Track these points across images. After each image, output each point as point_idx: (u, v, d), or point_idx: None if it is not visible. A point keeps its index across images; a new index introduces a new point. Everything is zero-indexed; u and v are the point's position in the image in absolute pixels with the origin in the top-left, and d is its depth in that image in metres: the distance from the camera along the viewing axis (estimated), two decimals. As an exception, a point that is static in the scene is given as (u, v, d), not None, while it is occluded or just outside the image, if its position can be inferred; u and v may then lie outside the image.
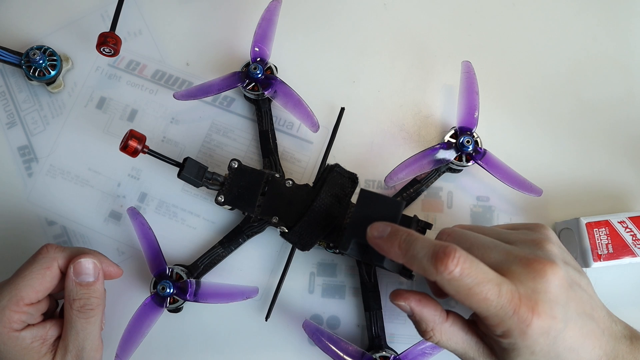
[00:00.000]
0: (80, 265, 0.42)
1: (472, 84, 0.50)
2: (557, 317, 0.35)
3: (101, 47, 0.49)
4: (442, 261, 0.33)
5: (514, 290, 0.34)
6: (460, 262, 0.33)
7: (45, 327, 0.41)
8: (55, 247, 0.42)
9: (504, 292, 0.34)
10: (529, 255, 0.36)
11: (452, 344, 0.38)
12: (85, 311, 0.41)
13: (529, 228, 0.40)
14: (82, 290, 0.41)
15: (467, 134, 0.49)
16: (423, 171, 0.49)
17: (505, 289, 0.34)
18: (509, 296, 0.34)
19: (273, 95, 0.50)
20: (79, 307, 0.41)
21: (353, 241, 0.41)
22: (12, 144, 0.53)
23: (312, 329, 0.47)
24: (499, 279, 0.34)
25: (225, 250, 0.49)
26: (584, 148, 0.53)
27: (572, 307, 0.36)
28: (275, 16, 0.52)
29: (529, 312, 0.34)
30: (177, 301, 0.47)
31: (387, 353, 0.46)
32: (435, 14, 0.55)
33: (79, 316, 0.41)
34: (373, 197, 0.41)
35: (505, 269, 0.35)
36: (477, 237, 0.38)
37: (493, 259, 0.36)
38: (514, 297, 0.34)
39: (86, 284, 0.42)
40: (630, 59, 0.54)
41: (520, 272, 0.35)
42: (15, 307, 0.39)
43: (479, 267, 0.34)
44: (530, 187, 0.49)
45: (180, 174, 0.45)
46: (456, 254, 0.33)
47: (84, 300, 0.41)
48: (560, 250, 0.38)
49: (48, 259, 0.41)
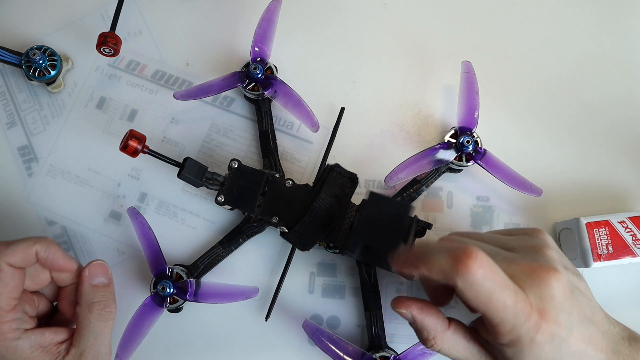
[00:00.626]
0: (96, 268, 0.42)
1: (472, 84, 0.50)
2: (562, 324, 0.35)
3: (101, 47, 0.49)
4: (464, 262, 0.32)
5: (526, 298, 0.34)
6: (484, 264, 0.32)
7: (43, 334, 0.40)
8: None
9: (519, 299, 0.33)
10: (532, 263, 0.36)
11: (454, 353, 0.38)
12: (105, 313, 0.41)
13: (526, 233, 0.40)
14: (100, 292, 0.41)
15: (467, 134, 0.49)
16: (423, 171, 0.49)
17: (521, 296, 0.34)
18: (522, 304, 0.33)
19: (273, 95, 0.50)
20: (100, 310, 0.41)
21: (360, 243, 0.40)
22: (12, 144, 0.53)
23: (312, 329, 0.47)
24: (515, 286, 0.34)
25: (225, 250, 0.49)
26: (584, 148, 0.53)
27: (575, 313, 0.36)
28: (275, 16, 0.52)
29: (540, 319, 0.34)
30: (177, 301, 0.47)
31: (387, 353, 0.46)
32: (435, 14, 0.55)
33: (98, 319, 0.41)
34: (382, 200, 0.41)
35: (510, 278, 0.35)
36: (478, 245, 0.38)
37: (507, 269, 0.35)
38: (526, 304, 0.34)
39: (102, 285, 0.42)
40: (630, 59, 0.54)
41: (526, 280, 0.35)
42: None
43: (499, 272, 0.33)
44: (530, 187, 0.49)
45: (180, 174, 0.45)
46: (478, 254, 0.32)
47: (104, 302, 0.41)
48: (558, 255, 0.38)
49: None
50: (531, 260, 0.36)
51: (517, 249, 0.38)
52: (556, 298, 0.35)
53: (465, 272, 0.32)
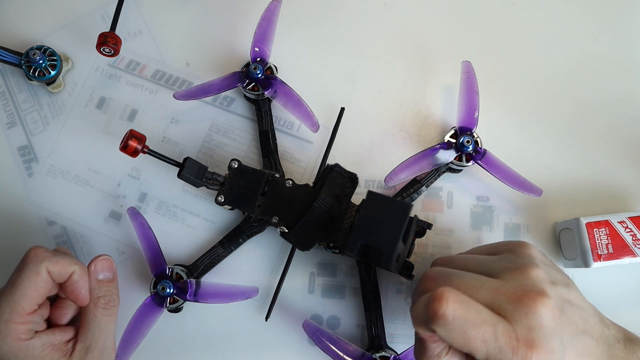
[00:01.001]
0: (102, 263, 0.43)
1: (472, 84, 0.50)
2: (554, 350, 0.34)
3: (101, 47, 0.49)
4: (434, 308, 0.33)
5: (510, 331, 0.33)
6: (450, 303, 0.32)
7: (54, 334, 0.41)
8: (42, 250, 0.41)
9: (500, 333, 0.33)
10: (517, 290, 0.35)
11: None
12: (110, 307, 0.42)
13: (510, 250, 0.40)
14: (105, 287, 0.43)
15: (467, 134, 0.49)
16: (423, 171, 0.49)
17: (502, 329, 0.33)
18: (506, 337, 0.33)
19: (273, 95, 0.50)
20: (105, 304, 0.42)
21: (359, 243, 0.40)
22: (12, 144, 0.53)
23: (312, 329, 0.47)
24: (494, 319, 0.33)
25: (225, 250, 0.49)
26: (584, 148, 0.53)
27: (567, 332, 0.35)
28: (275, 16, 0.52)
29: (528, 351, 0.33)
30: (177, 301, 0.47)
31: (387, 353, 0.46)
32: (435, 14, 0.55)
33: (104, 314, 0.42)
34: (381, 199, 0.41)
35: (497, 308, 0.34)
36: (462, 276, 0.37)
37: (482, 298, 0.35)
38: (511, 337, 0.33)
39: (107, 280, 0.43)
40: (630, 59, 0.54)
41: (512, 310, 0.34)
42: (18, 318, 0.39)
43: (472, 307, 0.33)
44: (530, 187, 0.49)
45: (180, 174, 0.45)
46: (449, 296, 0.33)
47: (108, 296, 0.42)
48: (545, 270, 0.37)
49: (35, 264, 0.40)
50: (517, 285, 0.35)
51: (501, 272, 0.37)
52: (545, 325, 0.34)
53: (436, 317, 0.33)
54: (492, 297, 0.35)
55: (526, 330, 0.33)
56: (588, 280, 0.43)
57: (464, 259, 0.41)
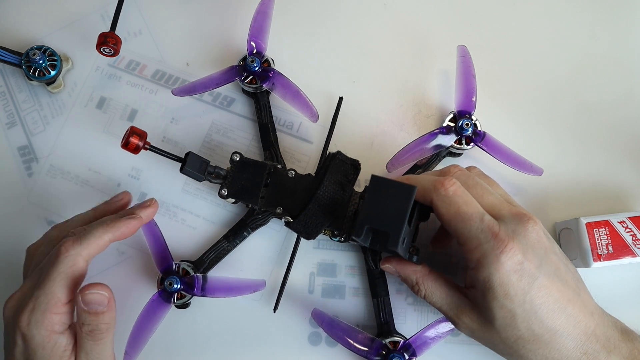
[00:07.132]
0: (90, 297, 0.39)
1: (469, 67, 0.50)
2: (530, 260, 0.37)
3: (101, 47, 0.49)
4: (441, 182, 0.39)
5: (495, 223, 0.38)
6: (456, 186, 0.39)
7: (73, 334, 0.40)
8: (73, 242, 0.41)
9: (486, 219, 0.38)
10: (521, 209, 0.40)
11: (437, 299, 0.42)
12: (93, 335, 0.39)
13: None
14: (90, 318, 0.39)
15: (466, 117, 0.49)
16: (424, 156, 0.49)
17: (488, 218, 0.38)
18: (490, 223, 0.38)
19: (271, 87, 0.50)
20: (88, 332, 0.39)
21: (366, 227, 0.40)
22: (12, 144, 0.53)
23: (321, 317, 0.47)
24: (483, 211, 0.39)
25: (230, 244, 0.49)
26: (584, 148, 0.53)
27: (549, 264, 0.38)
28: (269, 9, 0.52)
29: (506, 239, 0.37)
30: (185, 297, 0.47)
31: (397, 338, 0.46)
32: (435, 13, 0.55)
33: (87, 339, 0.40)
34: (384, 182, 0.41)
35: (496, 212, 0.39)
36: (481, 182, 0.42)
37: (488, 200, 0.40)
38: (494, 225, 0.38)
39: (94, 312, 0.39)
40: (630, 59, 0.54)
41: (507, 216, 0.39)
42: (55, 309, 0.39)
43: (469, 196, 0.39)
44: (530, 167, 0.49)
45: (183, 168, 0.45)
46: (453, 179, 0.39)
47: (92, 326, 0.39)
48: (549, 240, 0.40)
49: (72, 257, 0.40)
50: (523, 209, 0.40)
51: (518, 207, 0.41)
52: (530, 237, 0.38)
53: (439, 187, 0.39)
54: (497, 203, 0.40)
55: (511, 231, 0.38)
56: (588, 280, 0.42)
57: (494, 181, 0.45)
